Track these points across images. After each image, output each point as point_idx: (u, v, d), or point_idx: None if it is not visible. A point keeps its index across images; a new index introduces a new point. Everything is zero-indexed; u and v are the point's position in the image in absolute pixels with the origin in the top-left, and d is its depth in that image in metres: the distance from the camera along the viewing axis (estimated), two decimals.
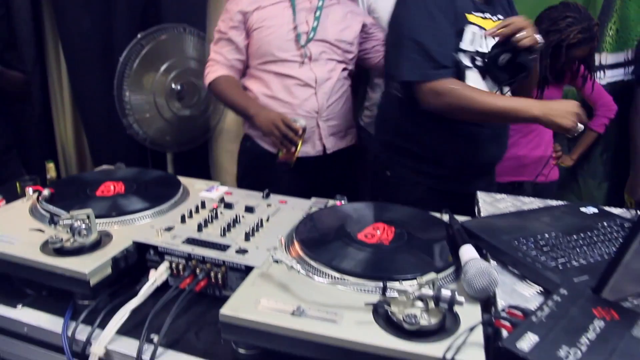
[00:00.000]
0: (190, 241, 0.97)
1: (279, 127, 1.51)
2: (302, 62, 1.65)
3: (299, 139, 1.51)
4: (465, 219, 1.05)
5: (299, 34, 1.62)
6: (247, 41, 1.69)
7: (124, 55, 2.02)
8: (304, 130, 1.52)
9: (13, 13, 2.26)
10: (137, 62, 2.05)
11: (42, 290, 0.98)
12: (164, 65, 2.13)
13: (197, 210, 1.11)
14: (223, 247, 0.95)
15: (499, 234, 0.96)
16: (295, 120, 1.53)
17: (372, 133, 1.84)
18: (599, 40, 2.14)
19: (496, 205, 1.20)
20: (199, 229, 1.02)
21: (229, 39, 1.69)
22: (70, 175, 2.58)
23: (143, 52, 2.06)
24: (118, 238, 0.98)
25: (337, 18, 1.71)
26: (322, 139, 1.71)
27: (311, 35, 1.63)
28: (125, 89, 2.06)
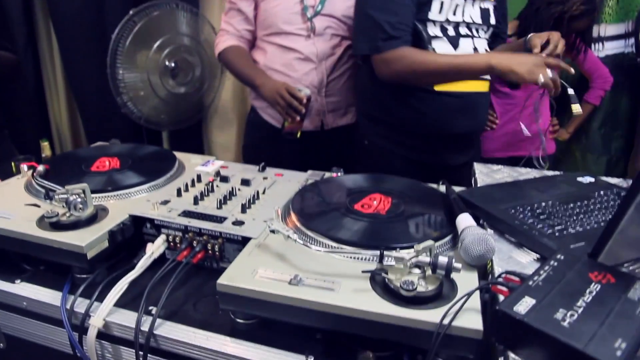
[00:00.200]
0: (187, 214, 0.97)
1: (283, 96, 1.51)
2: (307, 36, 1.63)
3: (303, 107, 1.50)
4: (461, 189, 1.05)
5: (305, 6, 1.60)
6: (255, 12, 1.68)
7: (116, 32, 1.99)
8: (308, 99, 1.52)
9: None
10: (129, 39, 2.02)
11: (40, 265, 0.98)
12: (157, 42, 2.10)
13: (193, 184, 1.11)
14: (220, 219, 0.94)
15: (495, 203, 0.96)
16: (300, 89, 1.52)
17: None
18: (599, 11, 2.12)
19: (492, 175, 1.20)
20: (195, 202, 1.02)
21: (239, 9, 1.68)
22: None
23: (135, 29, 2.02)
24: (114, 212, 0.97)
25: None
26: (320, 114, 1.70)
27: (318, 8, 1.61)
28: (118, 67, 2.03)
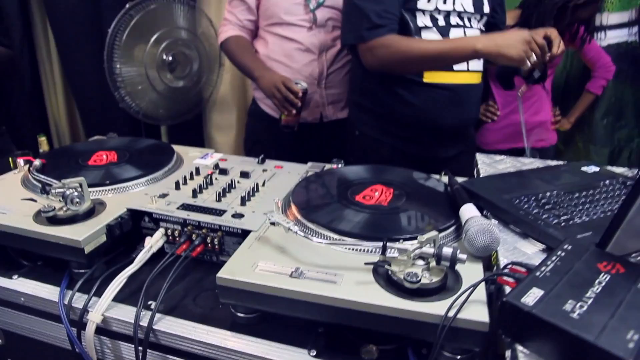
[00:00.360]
0: (186, 207, 0.95)
1: (279, 89, 1.50)
2: (308, 28, 1.61)
3: (299, 101, 1.49)
4: (463, 180, 1.03)
5: None
6: (258, 1, 1.66)
7: (112, 26, 1.96)
8: (304, 92, 1.50)
9: None
10: (126, 33, 1.99)
11: (37, 260, 0.97)
12: (154, 36, 2.08)
13: (191, 177, 1.09)
14: (219, 212, 0.93)
15: (499, 193, 0.94)
16: (297, 82, 1.51)
17: None
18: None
19: (495, 166, 1.18)
20: (194, 195, 1.00)
21: None
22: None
23: (132, 23, 1.99)
24: (112, 206, 0.96)
25: None
26: (320, 106, 1.68)
27: (321, 0, 1.59)
28: (115, 61, 2.01)
